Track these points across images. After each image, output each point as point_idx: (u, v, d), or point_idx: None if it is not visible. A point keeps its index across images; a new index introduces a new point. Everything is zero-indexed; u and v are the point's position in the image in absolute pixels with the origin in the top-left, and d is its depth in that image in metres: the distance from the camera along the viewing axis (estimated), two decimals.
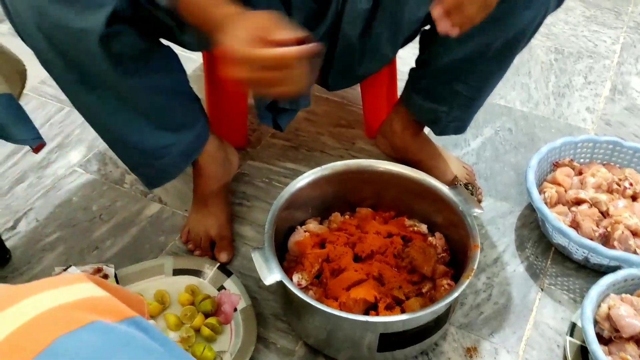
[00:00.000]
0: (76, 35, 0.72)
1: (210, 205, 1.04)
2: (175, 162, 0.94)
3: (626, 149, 1.11)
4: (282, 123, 1.02)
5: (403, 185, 0.98)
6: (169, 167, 0.95)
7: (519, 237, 1.06)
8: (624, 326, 0.84)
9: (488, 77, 0.97)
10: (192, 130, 0.93)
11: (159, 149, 0.90)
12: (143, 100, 0.85)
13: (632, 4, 1.70)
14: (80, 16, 0.71)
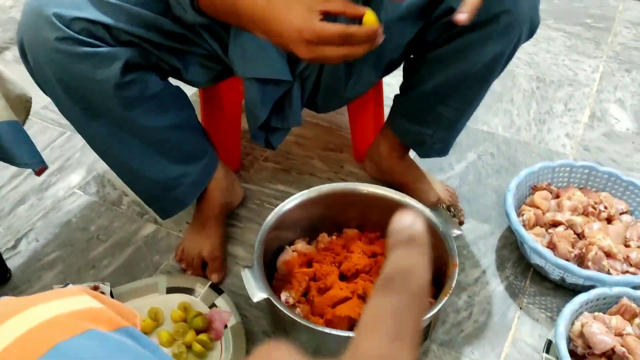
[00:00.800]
0: (94, 86, 0.82)
1: (207, 228, 1.08)
2: (187, 192, 1.02)
3: (601, 173, 1.16)
4: (274, 142, 1.07)
5: (387, 207, 1.03)
6: (181, 197, 1.02)
7: (499, 257, 1.11)
8: (596, 343, 0.88)
9: (469, 99, 1.02)
10: (202, 160, 1.02)
11: (172, 181, 0.99)
12: (157, 138, 0.93)
13: (612, 35, 1.78)
14: (97, 69, 0.81)
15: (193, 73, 0.95)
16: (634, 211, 1.13)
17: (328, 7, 0.68)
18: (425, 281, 0.29)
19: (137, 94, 0.86)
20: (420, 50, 1.00)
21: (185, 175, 1.00)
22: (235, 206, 1.17)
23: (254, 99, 0.95)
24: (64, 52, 0.79)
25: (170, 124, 0.94)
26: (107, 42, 0.82)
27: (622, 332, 0.89)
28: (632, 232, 1.08)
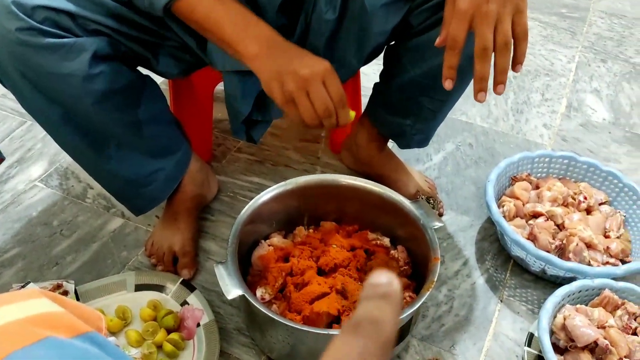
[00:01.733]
0: (61, 80, 0.77)
1: (179, 222, 1.04)
2: (162, 187, 0.98)
3: (580, 163, 1.15)
4: (255, 135, 1.03)
5: (366, 199, 0.99)
6: (156, 193, 0.98)
7: (479, 249, 1.09)
8: (578, 336, 0.86)
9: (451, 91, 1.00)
10: (176, 154, 0.98)
11: (146, 177, 0.95)
12: (129, 132, 0.89)
13: (587, 25, 1.77)
14: (64, 62, 0.76)
15: (164, 64, 0.90)
16: (613, 201, 1.12)
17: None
18: (392, 335, 0.30)
19: (107, 87, 0.80)
20: (403, 37, 0.96)
21: (159, 170, 0.95)
22: (209, 200, 1.13)
23: (234, 93, 0.91)
24: (27, 44, 0.74)
25: (143, 118, 0.89)
26: (72, 32, 0.77)
27: (605, 324, 0.88)
28: (612, 223, 1.07)
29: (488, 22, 0.68)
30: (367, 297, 0.28)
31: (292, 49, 0.76)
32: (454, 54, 0.71)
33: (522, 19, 0.70)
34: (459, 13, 0.69)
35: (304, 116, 0.74)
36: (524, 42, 0.71)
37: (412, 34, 0.91)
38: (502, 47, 0.69)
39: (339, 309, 0.87)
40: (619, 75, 1.57)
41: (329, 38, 0.93)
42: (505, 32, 0.69)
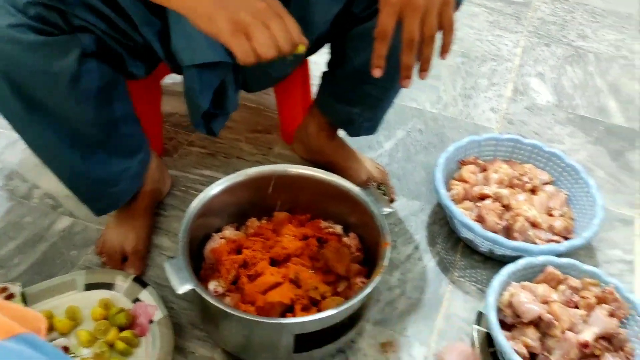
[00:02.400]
0: (47, 79, 0.75)
1: (135, 220, 1.02)
2: (128, 186, 0.98)
3: (525, 145, 1.18)
4: (215, 128, 1.02)
5: (317, 188, 1.00)
6: (122, 192, 0.97)
7: (430, 233, 1.11)
8: (524, 312, 0.89)
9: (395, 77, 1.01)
10: (140, 152, 0.98)
11: (115, 176, 0.94)
12: (104, 131, 0.87)
13: (532, 10, 1.82)
14: (53, 60, 0.74)
15: (134, 65, 0.89)
16: (557, 181, 1.16)
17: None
18: None
19: (91, 85, 0.80)
20: (346, 25, 0.97)
21: (127, 169, 0.95)
22: (164, 196, 1.12)
23: (194, 87, 0.90)
24: (16, 41, 0.71)
25: (117, 116, 0.88)
26: (60, 29, 0.75)
27: (548, 299, 0.92)
28: (555, 202, 1.11)
29: (415, 15, 0.70)
30: None
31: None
32: (383, 44, 0.73)
33: (448, 11, 0.72)
34: (387, 5, 0.71)
35: (261, 48, 0.68)
36: (450, 32, 0.74)
37: (354, 22, 0.92)
38: (428, 39, 0.72)
39: (292, 298, 0.88)
40: (562, 59, 1.61)
41: None
42: (432, 24, 0.71)
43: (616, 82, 1.55)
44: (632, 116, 1.44)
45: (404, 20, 0.71)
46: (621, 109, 1.46)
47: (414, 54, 0.73)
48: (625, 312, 0.92)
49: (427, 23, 0.71)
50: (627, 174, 1.28)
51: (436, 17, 0.71)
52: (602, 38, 1.72)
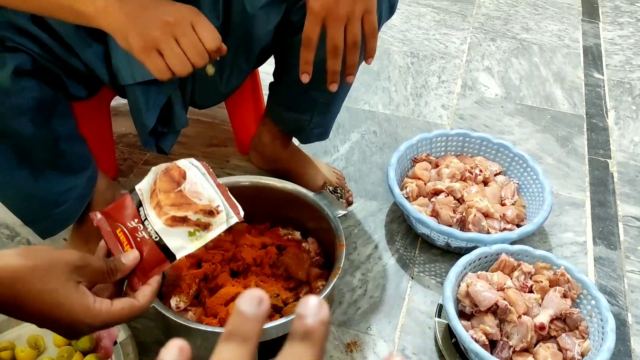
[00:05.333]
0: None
1: (90, 243, 1.02)
2: (74, 207, 0.96)
3: (474, 139, 1.21)
4: (165, 147, 1.02)
5: (273, 196, 1.01)
6: (68, 213, 0.95)
7: (389, 231, 1.13)
8: (481, 300, 0.92)
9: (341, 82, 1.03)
10: (86, 171, 0.96)
11: (58, 196, 0.92)
12: (45, 149, 0.86)
13: (476, 7, 1.87)
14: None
15: (74, 87, 0.89)
16: (507, 171, 1.20)
17: None
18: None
19: (26, 102, 0.79)
20: (287, 34, 0.99)
21: (72, 189, 0.93)
22: None
23: (138, 106, 0.90)
24: None
25: (59, 134, 0.87)
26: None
27: (504, 286, 0.94)
28: (507, 191, 1.14)
29: (338, 23, 0.73)
30: (290, 337, 0.27)
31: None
32: (308, 51, 0.76)
33: (371, 19, 0.75)
34: (311, 14, 0.73)
35: (172, 64, 0.69)
36: (373, 39, 0.77)
37: (294, 31, 0.94)
38: (352, 46, 0.75)
39: None
40: (507, 52, 1.66)
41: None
42: (355, 32, 0.74)
43: (560, 71, 1.60)
44: (577, 103, 1.49)
45: (327, 28, 0.74)
46: (566, 96, 1.51)
47: (339, 60, 0.76)
48: (576, 291, 0.95)
49: (350, 30, 0.74)
50: (575, 158, 1.33)
51: (359, 25, 0.74)
52: (545, 29, 1.77)
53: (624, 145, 1.37)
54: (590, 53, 1.68)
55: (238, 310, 0.27)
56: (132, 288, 0.63)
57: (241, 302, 0.27)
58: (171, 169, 0.66)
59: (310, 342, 0.26)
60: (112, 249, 0.64)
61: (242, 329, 0.27)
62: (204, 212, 0.63)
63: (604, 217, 1.19)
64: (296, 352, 0.26)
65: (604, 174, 1.29)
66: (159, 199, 0.63)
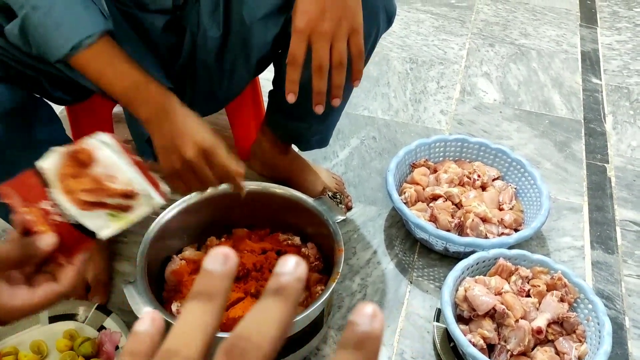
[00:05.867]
0: None
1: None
2: None
3: (472, 144, 1.23)
4: None
5: (273, 202, 1.03)
6: None
7: (388, 236, 1.14)
8: (479, 305, 0.93)
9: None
10: None
11: None
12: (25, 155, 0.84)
13: (475, 13, 1.88)
14: None
15: (55, 91, 0.90)
16: (504, 176, 1.21)
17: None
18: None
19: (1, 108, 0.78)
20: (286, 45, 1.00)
21: None
22: None
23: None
24: None
25: (39, 139, 0.86)
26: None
27: (501, 290, 0.95)
28: (504, 196, 1.15)
29: (323, 42, 0.73)
30: (341, 345, 0.25)
31: (179, 117, 0.76)
32: (294, 70, 0.76)
33: (357, 39, 0.75)
34: (296, 32, 0.74)
35: (188, 190, 0.80)
36: (359, 60, 0.77)
37: None
38: (337, 65, 0.75)
39: None
40: (506, 57, 1.68)
41: (217, 53, 0.96)
42: (340, 51, 0.74)
43: (558, 77, 1.61)
44: (575, 108, 1.50)
45: (313, 46, 0.74)
46: (564, 101, 1.52)
47: (324, 80, 0.76)
48: (574, 295, 0.96)
49: (336, 49, 0.74)
50: (573, 163, 1.34)
51: (344, 44, 0.74)
52: (543, 35, 1.78)
53: (621, 150, 1.38)
54: (588, 58, 1.69)
55: (203, 269, 0.26)
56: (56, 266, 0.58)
57: (207, 260, 0.26)
58: (78, 152, 0.57)
59: (282, 297, 0.25)
60: (25, 228, 0.56)
61: (208, 286, 0.26)
62: (122, 196, 0.57)
63: (602, 222, 1.20)
64: (266, 306, 0.25)
65: (602, 178, 1.30)
66: (69, 185, 0.57)
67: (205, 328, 0.25)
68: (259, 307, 0.25)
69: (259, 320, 0.25)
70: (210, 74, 0.99)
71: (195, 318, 0.25)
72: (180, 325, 0.25)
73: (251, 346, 0.24)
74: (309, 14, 0.73)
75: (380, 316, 0.25)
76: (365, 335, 0.24)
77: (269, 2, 0.90)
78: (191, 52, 0.96)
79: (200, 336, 0.24)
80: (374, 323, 0.25)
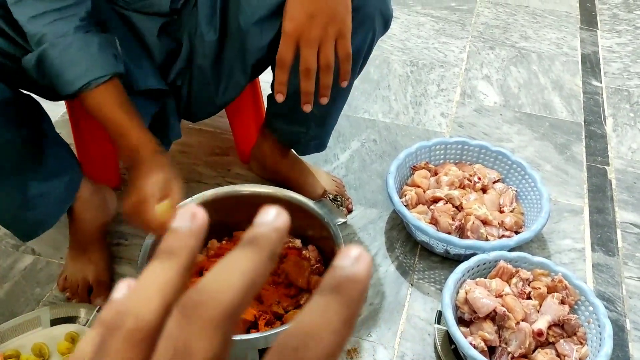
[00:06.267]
0: None
1: (88, 251, 1.03)
2: (50, 212, 0.93)
3: (473, 147, 1.23)
4: None
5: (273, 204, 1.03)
6: (44, 217, 0.93)
7: (388, 239, 1.15)
8: (480, 307, 0.93)
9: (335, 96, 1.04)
10: (63, 177, 0.94)
11: (32, 200, 0.89)
12: (12, 153, 0.84)
13: (475, 15, 1.89)
14: None
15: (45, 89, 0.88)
16: (505, 178, 1.21)
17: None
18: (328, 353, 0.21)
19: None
20: None
21: (47, 193, 0.91)
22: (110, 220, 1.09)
23: None
24: None
25: (23, 137, 0.85)
26: None
27: (502, 293, 0.95)
28: (505, 199, 1.15)
29: (311, 46, 0.76)
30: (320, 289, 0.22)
31: (144, 169, 0.79)
32: (282, 72, 0.78)
33: (344, 43, 0.78)
34: (285, 36, 0.76)
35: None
36: (346, 63, 0.80)
37: None
38: (324, 68, 0.78)
39: (255, 314, 0.90)
40: (506, 60, 1.68)
41: (214, 57, 0.96)
42: (328, 55, 0.77)
43: (559, 79, 1.61)
44: (576, 110, 1.50)
45: (301, 51, 0.76)
46: (565, 104, 1.52)
47: (312, 81, 0.78)
48: (574, 298, 0.96)
49: (323, 53, 0.77)
50: (573, 166, 1.34)
51: (331, 48, 0.77)
52: (543, 37, 1.79)
53: (622, 152, 1.38)
54: (588, 61, 1.69)
55: (170, 228, 0.24)
56: None
57: (175, 220, 0.24)
58: None
59: (253, 247, 0.23)
60: None
61: (170, 244, 0.24)
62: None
63: (602, 224, 1.20)
64: (233, 257, 0.23)
65: (602, 180, 1.30)
66: None
67: (164, 286, 0.22)
68: (226, 258, 0.23)
69: (222, 271, 0.22)
70: (207, 78, 0.99)
71: (155, 277, 0.23)
72: (139, 284, 0.23)
73: (207, 297, 0.21)
74: (297, 19, 0.75)
75: (366, 259, 0.22)
76: (346, 278, 0.22)
77: (265, 7, 0.90)
78: (188, 57, 0.97)
79: (158, 295, 0.22)
80: (357, 265, 0.22)
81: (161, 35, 0.92)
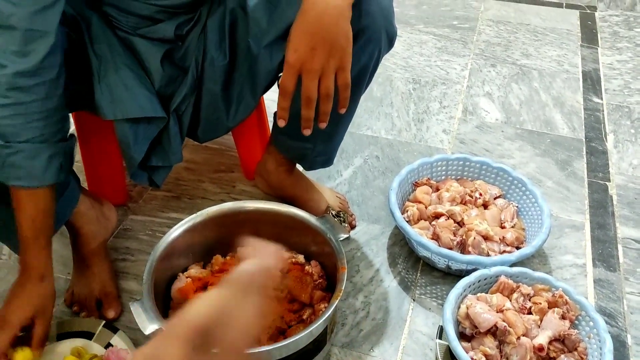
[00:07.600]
0: None
1: (92, 265, 1.05)
2: None
3: (474, 163, 1.24)
4: (157, 180, 1.05)
5: (276, 220, 1.04)
6: None
7: (391, 254, 1.16)
8: (481, 322, 0.94)
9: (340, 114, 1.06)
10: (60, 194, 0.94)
11: None
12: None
13: (477, 33, 1.91)
14: None
15: None
16: (506, 194, 1.22)
17: None
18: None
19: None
20: None
21: None
22: (110, 232, 1.11)
23: (126, 140, 0.93)
24: None
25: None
26: None
27: (503, 308, 0.96)
28: (506, 214, 1.16)
29: (312, 77, 0.79)
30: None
31: (20, 285, 0.86)
32: (284, 99, 0.82)
33: (344, 75, 0.81)
34: (287, 66, 0.79)
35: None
36: (345, 92, 0.83)
37: None
38: (324, 97, 0.81)
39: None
40: (507, 77, 1.70)
41: (224, 82, 0.99)
42: (328, 85, 0.80)
43: (560, 96, 1.63)
44: (577, 127, 1.52)
45: (302, 81, 0.79)
46: (566, 120, 1.54)
47: (312, 109, 0.82)
48: (575, 313, 0.97)
49: (324, 83, 0.80)
50: (574, 182, 1.35)
51: (332, 79, 0.80)
52: (544, 55, 1.81)
53: (623, 169, 1.39)
54: (589, 78, 1.71)
55: None
56: None
57: None
58: None
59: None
60: None
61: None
62: None
63: (604, 240, 1.21)
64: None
65: (603, 196, 1.31)
66: None
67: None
68: None
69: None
70: (217, 102, 1.02)
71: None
72: None
73: None
74: (300, 51, 0.78)
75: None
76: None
77: (275, 31, 0.93)
78: (197, 82, 0.99)
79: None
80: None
81: (164, 62, 0.94)
